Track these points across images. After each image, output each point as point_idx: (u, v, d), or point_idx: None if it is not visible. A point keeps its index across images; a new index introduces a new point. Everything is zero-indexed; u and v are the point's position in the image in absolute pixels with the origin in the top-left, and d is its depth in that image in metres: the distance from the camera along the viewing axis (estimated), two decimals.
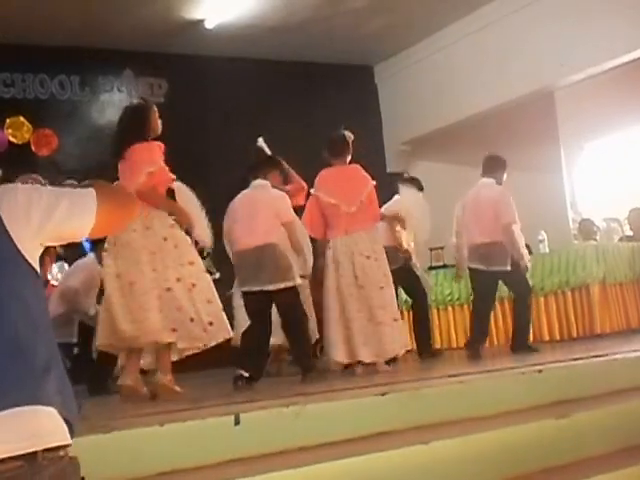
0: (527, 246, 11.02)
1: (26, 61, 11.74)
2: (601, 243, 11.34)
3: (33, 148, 11.80)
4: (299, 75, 13.24)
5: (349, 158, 8.54)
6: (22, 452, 2.03)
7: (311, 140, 12.73)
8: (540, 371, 6.19)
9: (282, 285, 7.64)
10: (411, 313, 10.24)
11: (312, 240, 8.71)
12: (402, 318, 8.97)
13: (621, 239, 11.97)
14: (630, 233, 11.98)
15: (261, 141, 9.27)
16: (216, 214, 10.79)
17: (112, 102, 12.41)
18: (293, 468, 4.14)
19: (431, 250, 11.77)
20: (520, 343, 8.94)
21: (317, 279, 8.47)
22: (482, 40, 12.63)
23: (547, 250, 10.88)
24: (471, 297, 9.96)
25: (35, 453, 2.05)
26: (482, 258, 8.89)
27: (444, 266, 11.85)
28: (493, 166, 9.27)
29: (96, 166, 11.88)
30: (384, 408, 5.21)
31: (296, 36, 12.53)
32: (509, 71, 12.09)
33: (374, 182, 8.41)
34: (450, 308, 11.63)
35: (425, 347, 9.64)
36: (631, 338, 9.68)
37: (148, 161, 7.08)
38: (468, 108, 12.76)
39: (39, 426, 2.08)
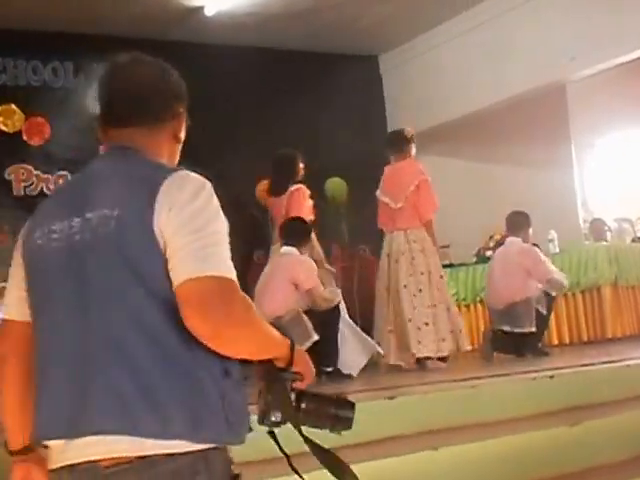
0: (535, 245, 10.86)
1: (18, 47, 11.38)
2: (613, 244, 11.16)
3: (24, 137, 11.44)
4: (301, 64, 12.99)
5: (410, 154, 8.55)
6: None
7: (313, 131, 12.56)
8: (552, 377, 6.17)
9: None
10: None
11: None
12: None
13: (633, 240, 11.79)
14: None
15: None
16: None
17: None
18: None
19: None
20: (532, 345, 8.82)
21: None
22: (492, 31, 12.36)
23: (557, 250, 10.67)
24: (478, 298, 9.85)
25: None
26: (510, 320, 8.77)
27: (450, 265, 11.65)
28: (517, 224, 9.27)
29: (90, 156, 11.61)
30: (392, 412, 5.10)
31: (298, 24, 12.23)
32: (520, 63, 11.86)
33: (424, 176, 8.40)
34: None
35: None
36: None
37: None
38: (477, 101, 12.47)
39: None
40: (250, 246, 9.30)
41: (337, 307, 7.68)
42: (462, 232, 11.61)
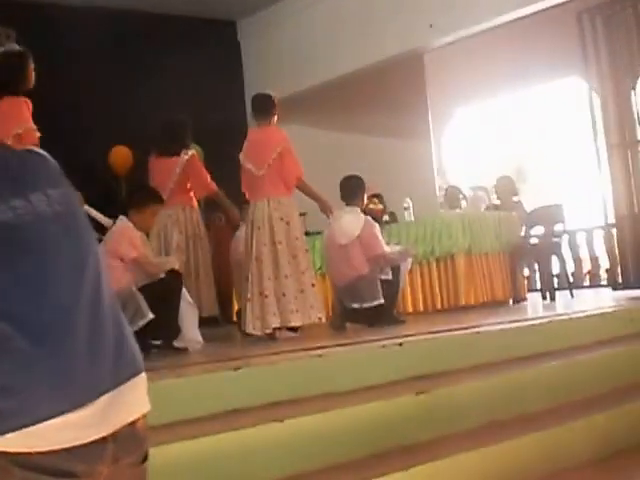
0: (392, 213, 10.87)
1: None
2: (467, 212, 11.25)
3: None
4: (157, 27, 12.71)
5: (274, 119, 8.38)
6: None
7: (169, 96, 12.32)
8: (401, 344, 6.01)
9: None
10: None
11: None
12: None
13: (488, 208, 11.93)
14: (497, 202, 11.92)
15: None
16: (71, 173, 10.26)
17: None
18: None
19: None
20: (385, 315, 8.64)
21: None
22: None
23: (412, 218, 10.69)
24: None
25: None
26: (355, 296, 8.56)
27: (307, 233, 11.61)
28: (351, 191, 8.99)
29: None
30: (237, 384, 4.97)
31: None
32: (378, 31, 11.87)
33: (287, 144, 8.25)
34: None
35: None
36: (495, 310, 9.63)
37: (16, 121, 6.56)
38: (334, 70, 12.46)
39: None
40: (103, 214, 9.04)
41: (178, 277, 7.47)
42: None
